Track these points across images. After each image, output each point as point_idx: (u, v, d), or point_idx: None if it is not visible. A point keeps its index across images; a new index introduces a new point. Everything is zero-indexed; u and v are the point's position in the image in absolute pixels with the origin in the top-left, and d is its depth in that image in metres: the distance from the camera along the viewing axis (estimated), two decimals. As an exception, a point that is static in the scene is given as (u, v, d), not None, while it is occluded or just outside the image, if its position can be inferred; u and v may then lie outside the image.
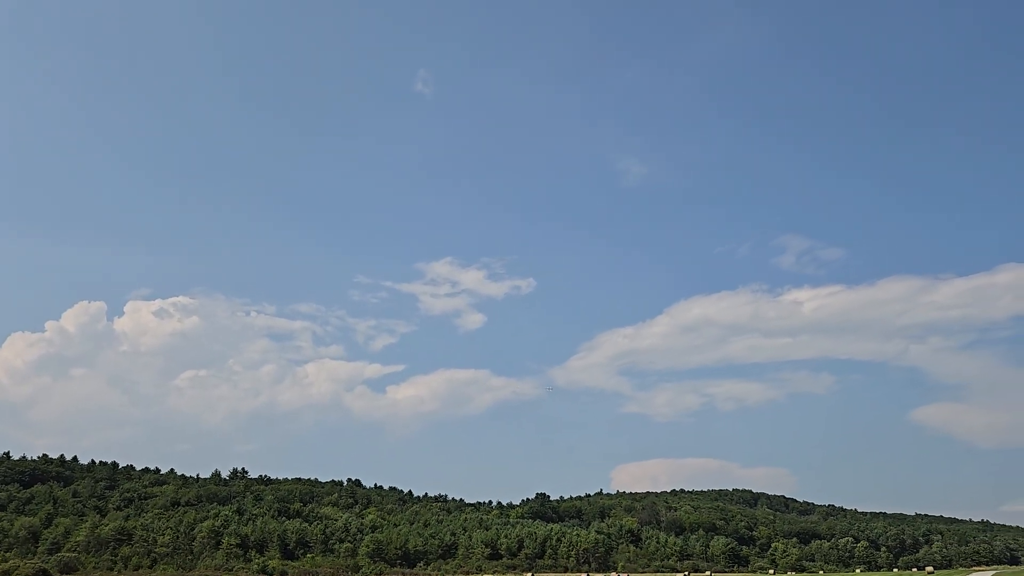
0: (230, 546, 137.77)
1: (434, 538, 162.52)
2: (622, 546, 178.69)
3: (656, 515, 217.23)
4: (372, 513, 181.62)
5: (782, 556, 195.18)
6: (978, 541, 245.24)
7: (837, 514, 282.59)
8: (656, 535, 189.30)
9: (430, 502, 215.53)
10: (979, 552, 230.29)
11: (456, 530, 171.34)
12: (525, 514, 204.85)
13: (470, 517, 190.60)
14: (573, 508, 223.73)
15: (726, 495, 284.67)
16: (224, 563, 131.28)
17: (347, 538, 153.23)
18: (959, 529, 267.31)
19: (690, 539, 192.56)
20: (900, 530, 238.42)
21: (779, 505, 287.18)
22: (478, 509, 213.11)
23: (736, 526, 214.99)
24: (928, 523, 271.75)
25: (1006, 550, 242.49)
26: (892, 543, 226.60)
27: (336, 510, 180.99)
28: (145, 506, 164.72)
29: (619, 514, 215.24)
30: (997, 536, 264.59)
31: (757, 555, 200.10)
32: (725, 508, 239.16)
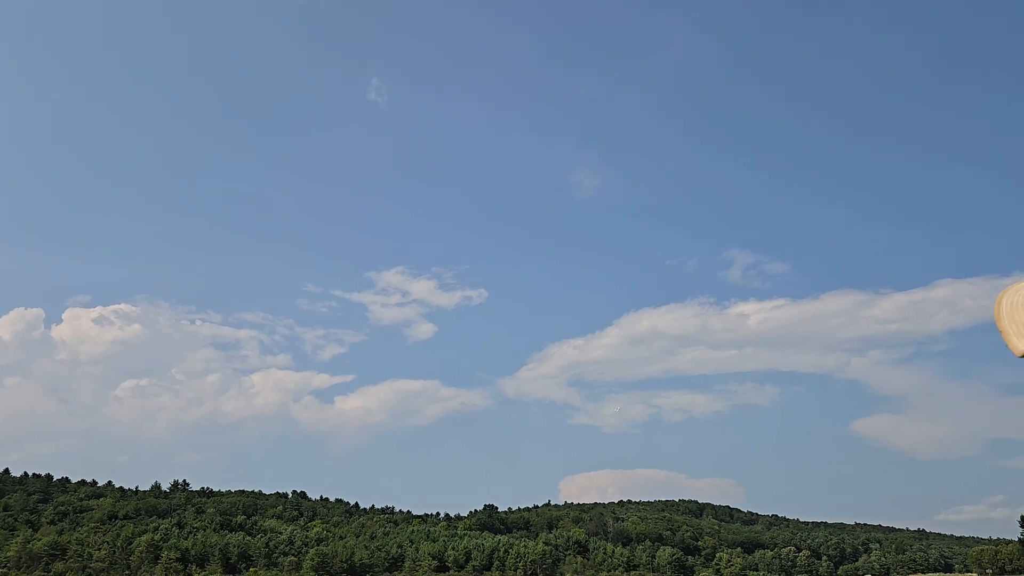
0: (169, 560, 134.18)
1: (380, 550, 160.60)
2: (569, 557, 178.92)
3: (604, 526, 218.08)
4: (318, 525, 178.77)
5: (727, 565, 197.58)
6: (914, 549, 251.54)
7: (780, 524, 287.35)
8: (603, 546, 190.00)
9: (377, 514, 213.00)
10: (915, 560, 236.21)
11: (403, 542, 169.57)
12: (473, 526, 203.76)
13: (417, 529, 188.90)
14: (521, 519, 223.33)
15: (673, 506, 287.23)
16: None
17: (291, 551, 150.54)
18: (896, 538, 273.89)
19: (637, 549, 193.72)
20: (841, 539, 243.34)
21: (724, 515, 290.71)
22: (425, 521, 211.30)
23: (682, 536, 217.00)
24: (867, 532, 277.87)
25: (940, 558, 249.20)
26: (833, 552, 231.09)
27: (281, 523, 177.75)
28: (80, 520, 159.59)
29: (567, 525, 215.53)
30: (932, 544, 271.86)
31: (702, 565, 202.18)
32: (672, 518, 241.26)
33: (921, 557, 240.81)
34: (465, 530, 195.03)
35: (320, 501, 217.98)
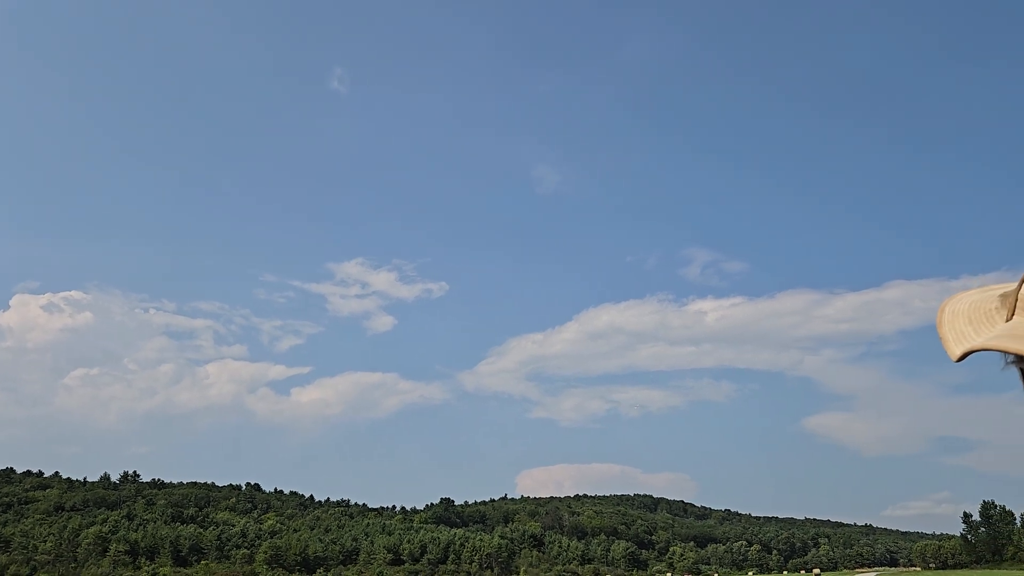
0: (118, 553, 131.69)
1: (335, 543, 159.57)
2: (525, 551, 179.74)
3: (559, 520, 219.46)
4: (271, 518, 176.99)
5: (679, 559, 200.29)
6: (861, 544, 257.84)
7: (733, 519, 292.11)
8: (559, 539, 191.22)
9: (332, 507, 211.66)
10: (862, 554, 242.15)
11: (358, 535, 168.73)
12: (429, 519, 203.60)
13: (373, 522, 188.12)
14: (477, 513, 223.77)
15: (628, 500, 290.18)
16: (111, 571, 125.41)
17: (244, 544, 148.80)
18: (844, 533, 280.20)
19: (592, 543, 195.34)
20: (791, 534, 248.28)
21: (678, 510, 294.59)
22: (381, 514, 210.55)
23: (636, 530, 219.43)
24: (816, 527, 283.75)
25: (887, 552, 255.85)
26: (783, 546, 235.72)
27: (233, 515, 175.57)
28: (25, 511, 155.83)
29: (523, 519, 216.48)
30: (879, 539, 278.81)
31: (656, 558, 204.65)
32: (626, 513, 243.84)
33: (868, 552, 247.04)
34: (421, 523, 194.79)
35: (274, 494, 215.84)
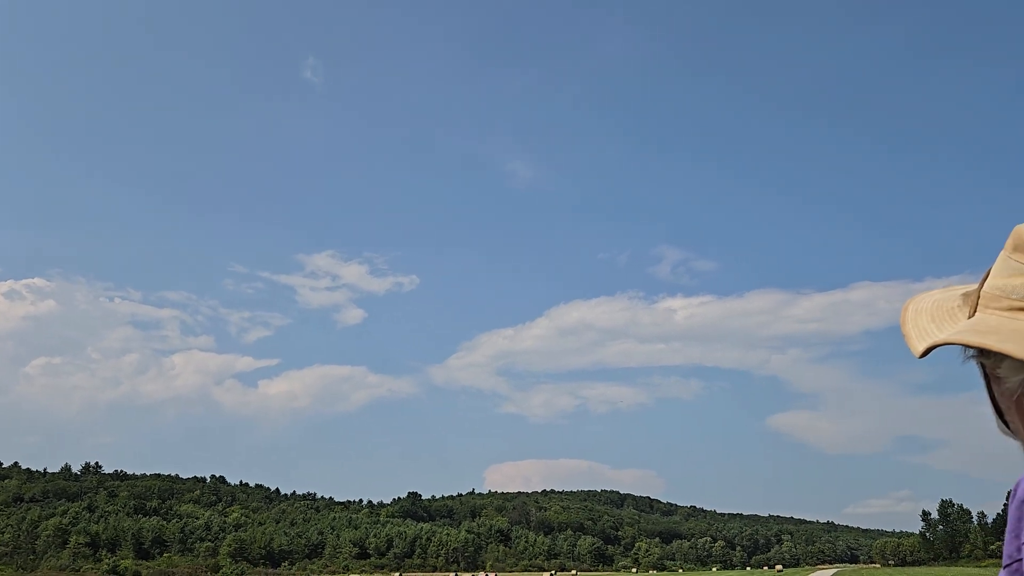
0: (78, 545, 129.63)
1: (300, 537, 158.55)
2: (491, 545, 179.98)
3: (526, 515, 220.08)
4: (236, 511, 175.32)
5: (645, 555, 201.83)
6: (823, 541, 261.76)
7: (698, 515, 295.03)
8: (525, 534, 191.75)
9: (298, 500, 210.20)
10: (823, 551, 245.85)
11: (324, 529, 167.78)
12: (396, 513, 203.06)
13: (339, 516, 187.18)
14: (445, 507, 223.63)
15: (595, 496, 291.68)
16: (71, 563, 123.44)
17: (208, 537, 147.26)
18: (807, 530, 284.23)
19: (558, 539, 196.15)
20: (754, 530, 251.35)
21: (644, 506, 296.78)
22: (348, 508, 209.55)
23: (603, 526, 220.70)
24: (779, 524, 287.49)
25: (847, 549, 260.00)
26: (747, 543, 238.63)
27: (197, 508, 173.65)
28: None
29: (490, 514, 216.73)
30: (840, 537, 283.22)
31: (621, 554, 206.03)
32: (593, 508, 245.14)
33: (829, 549, 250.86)
34: (388, 517, 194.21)
35: (239, 486, 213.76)
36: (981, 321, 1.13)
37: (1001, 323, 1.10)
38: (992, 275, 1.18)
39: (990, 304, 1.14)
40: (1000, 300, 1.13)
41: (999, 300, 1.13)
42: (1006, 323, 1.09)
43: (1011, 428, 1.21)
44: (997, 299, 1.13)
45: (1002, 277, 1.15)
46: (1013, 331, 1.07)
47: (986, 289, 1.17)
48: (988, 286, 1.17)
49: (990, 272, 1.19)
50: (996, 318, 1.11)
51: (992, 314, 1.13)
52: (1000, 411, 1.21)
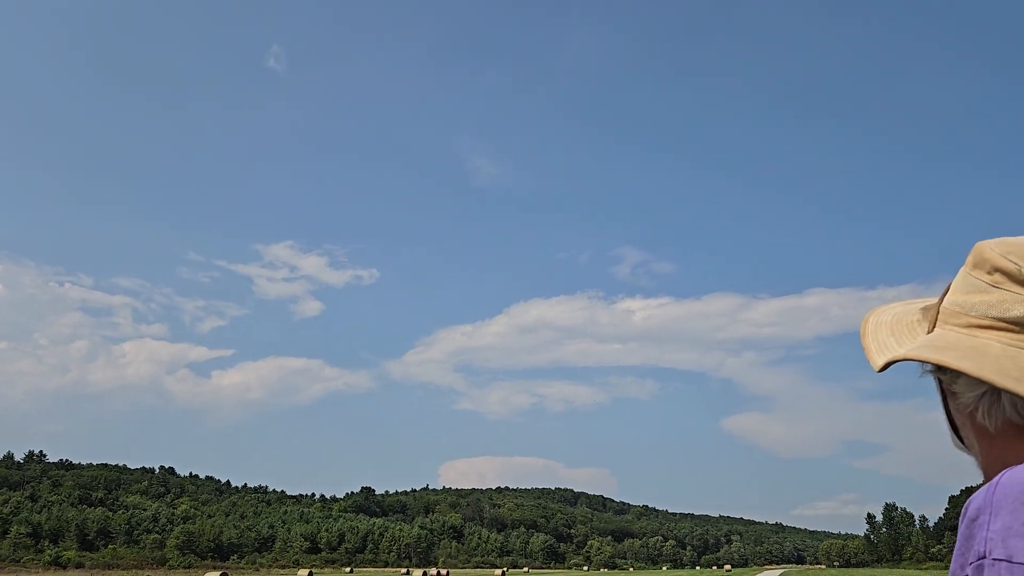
0: (19, 535, 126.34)
1: (251, 530, 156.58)
2: (444, 542, 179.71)
3: (480, 512, 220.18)
4: (185, 503, 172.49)
5: (596, 553, 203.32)
6: (771, 542, 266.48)
7: (650, 514, 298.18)
8: (478, 531, 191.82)
9: (248, 493, 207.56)
10: (771, 552, 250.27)
11: (275, 522, 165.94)
12: (348, 508, 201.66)
13: (291, 510, 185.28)
14: (398, 503, 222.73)
15: (549, 493, 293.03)
16: (11, 554, 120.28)
17: (155, 528, 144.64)
18: (755, 530, 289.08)
19: (511, 536, 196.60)
20: (705, 530, 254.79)
21: (597, 504, 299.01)
22: (300, 502, 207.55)
23: (556, 524, 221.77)
24: (729, 524, 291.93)
25: (794, 550, 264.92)
26: (697, 542, 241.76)
27: (145, 499, 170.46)
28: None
29: (444, 510, 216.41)
30: (787, 538, 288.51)
31: (574, 552, 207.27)
32: (547, 506, 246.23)
33: (777, 549, 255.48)
34: (340, 512, 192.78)
35: (189, 478, 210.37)
36: (940, 337, 1.16)
37: (959, 340, 1.13)
38: (952, 291, 1.20)
39: (949, 320, 1.17)
40: (959, 316, 1.15)
41: (958, 316, 1.15)
42: (964, 340, 1.12)
43: (965, 443, 1.22)
44: (956, 315, 1.16)
45: (962, 293, 1.17)
46: (970, 348, 1.10)
47: (945, 305, 1.19)
48: (948, 302, 1.19)
49: (950, 287, 1.21)
50: (954, 334, 1.14)
51: (951, 330, 1.15)
52: (955, 426, 1.24)
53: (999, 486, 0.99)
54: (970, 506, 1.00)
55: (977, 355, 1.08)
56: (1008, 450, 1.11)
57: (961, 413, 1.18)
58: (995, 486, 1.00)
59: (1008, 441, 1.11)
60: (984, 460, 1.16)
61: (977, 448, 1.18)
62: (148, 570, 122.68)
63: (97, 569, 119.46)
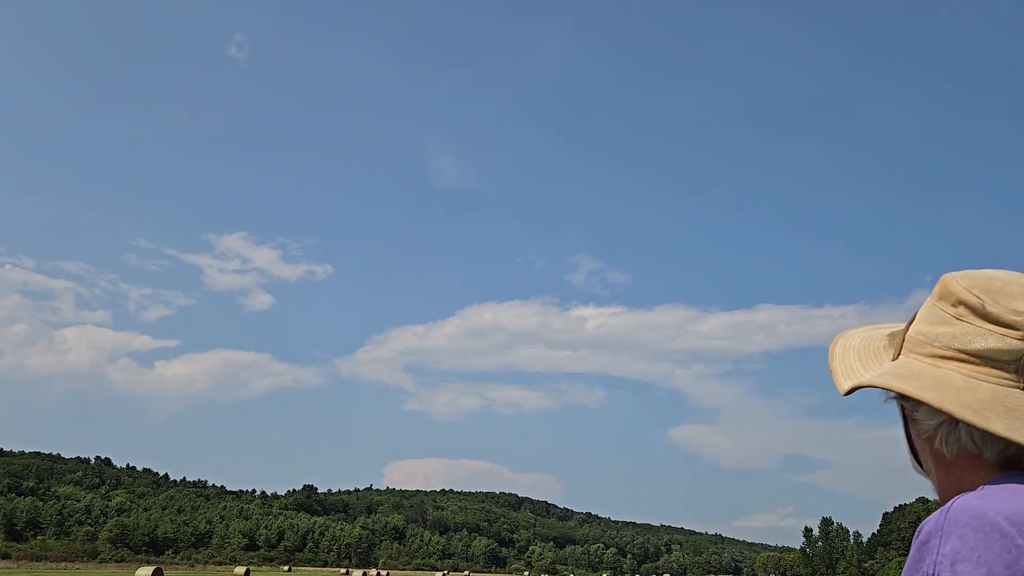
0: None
1: (187, 525, 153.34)
2: (385, 543, 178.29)
3: (423, 513, 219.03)
4: (120, 495, 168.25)
5: (538, 559, 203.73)
6: (710, 552, 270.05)
7: (593, 521, 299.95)
8: (421, 533, 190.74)
9: (187, 487, 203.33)
10: (710, 562, 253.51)
11: (213, 518, 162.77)
12: (289, 505, 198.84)
13: (230, 505, 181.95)
14: (340, 502, 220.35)
15: (493, 497, 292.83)
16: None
17: (88, 521, 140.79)
18: (696, 540, 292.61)
19: (453, 539, 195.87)
20: (646, 539, 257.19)
21: (541, 510, 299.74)
22: (239, 497, 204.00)
23: (499, 528, 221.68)
24: (670, 534, 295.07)
25: (732, 561, 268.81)
26: (637, 551, 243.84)
27: (79, 489, 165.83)
28: None
29: (387, 511, 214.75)
30: (726, 548, 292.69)
31: (515, 557, 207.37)
32: (490, 510, 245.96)
33: (715, 560, 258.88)
34: (281, 509, 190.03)
35: (126, 469, 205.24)
36: (904, 365, 1.20)
37: (923, 369, 1.17)
38: (918, 320, 1.24)
39: (914, 349, 1.20)
40: (924, 346, 1.19)
41: (923, 346, 1.19)
42: (927, 370, 1.16)
43: (924, 468, 1.27)
44: (921, 344, 1.20)
45: (927, 323, 1.21)
46: (933, 379, 1.14)
47: (911, 333, 1.23)
48: (913, 331, 1.23)
49: (916, 316, 1.25)
50: (918, 364, 1.18)
51: (915, 359, 1.19)
52: (915, 451, 1.28)
53: (950, 512, 1.04)
54: (923, 530, 1.04)
55: (939, 385, 1.13)
56: (963, 477, 1.17)
57: (921, 439, 1.23)
58: (947, 511, 1.05)
59: (963, 468, 1.17)
60: (941, 485, 1.22)
61: (935, 473, 1.23)
62: (78, 563, 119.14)
63: (24, 560, 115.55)
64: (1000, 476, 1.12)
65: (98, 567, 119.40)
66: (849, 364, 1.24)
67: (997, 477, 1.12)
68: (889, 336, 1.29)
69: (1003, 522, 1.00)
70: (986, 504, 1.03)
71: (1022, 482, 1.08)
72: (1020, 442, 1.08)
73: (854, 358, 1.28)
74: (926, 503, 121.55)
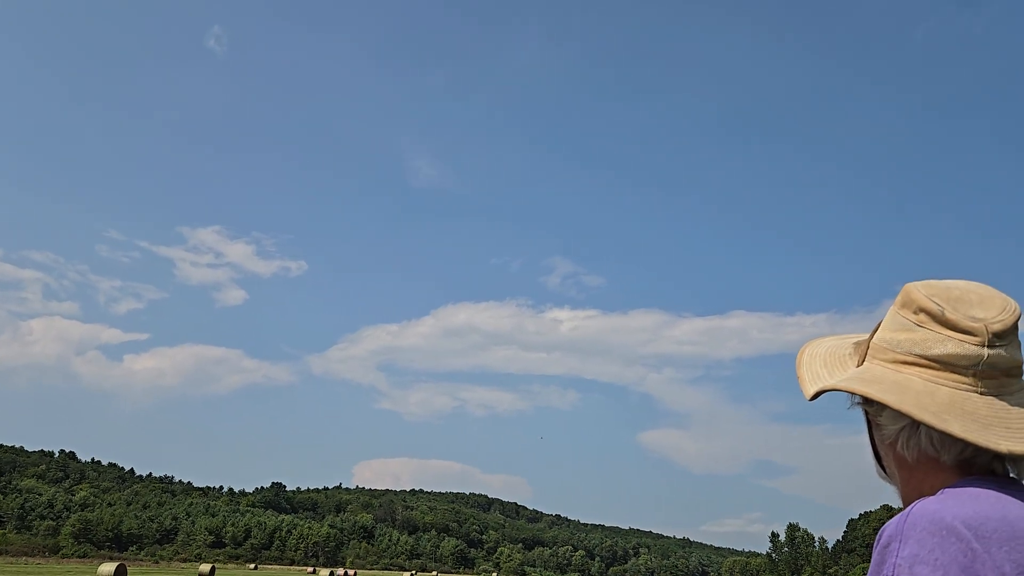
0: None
1: (152, 521, 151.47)
2: (353, 542, 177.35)
3: (392, 513, 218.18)
4: (84, 490, 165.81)
5: (506, 560, 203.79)
6: (677, 556, 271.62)
7: (562, 523, 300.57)
8: (389, 533, 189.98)
9: (153, 482, 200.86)
10: (677, 566, 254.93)
11: (179, 514, 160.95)
12: (257, 503, 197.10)
13: (196, 502, 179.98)
14: (309, 500, 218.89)
15: (463, 498, 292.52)
16: None
17: (50, 515, 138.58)
18: (663, 544, 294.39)
19: (422, 539, 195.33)
20: (614, 542, 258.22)
21: (511, 512, 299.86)
22: (206, 494, 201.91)
23: (468, 529, 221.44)
24: (638, 537, 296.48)
25: (699, 565, 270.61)
26: (606, 554, 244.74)
27: (41, 483, 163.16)
28: None
29: (356, 510, 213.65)
30: (693, 552, 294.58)
31: (484, 558, 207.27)
32: (460, 511, 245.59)
33: (682, 564, 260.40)
34: (248, 507, 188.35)
35: (90, 463, 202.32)
36: (867, 370, 1.25)
37: (885, 374, 1.22)
38: (882, 328, 1.29)
39: (877, 355, 1.25)
40: (886, 352, 1.24)
41: (885, 352, 1.24)
42: (889, 375, 1.21)
43: (887, 472, 1.31)
44: (884, 351, 1.24)
45: (890, 331, 1.25)
46: (895, 383, 1.19)
47: (875, 341, 1.27)
48: (877, 338, 1.28)
49: (880, 324, 1.30)
50: (881, 369, 1.23)
51: (878, 365, 1.24)
52: (879, 457, 1.33)
53: (910, 516, 1.09)
54: (884, 533, 1.08)
55: (899, 389, 1.18)
56: (924, 481, 1.21)
57: (884, 444, 1.28)
58: (906, 516, 1.09)
59: (924, 472, 1.22)
60: (903, 489, 1.27)
61: (898, 478, 1.28)
62: (39, 558, 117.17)
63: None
64: (960, 480, 1.16)
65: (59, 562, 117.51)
66: (815, 371, 1.28)
67: (957, 481, 1.16)
68: (854, 344, 1.34)
69: (959, 526, 1.04)
70: (944, 508, 1.06)
71: (980, 486, 1.12)
72: (976, 443, 1.12)
73: (820, 365, 1.33)
74: (890, 510, 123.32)
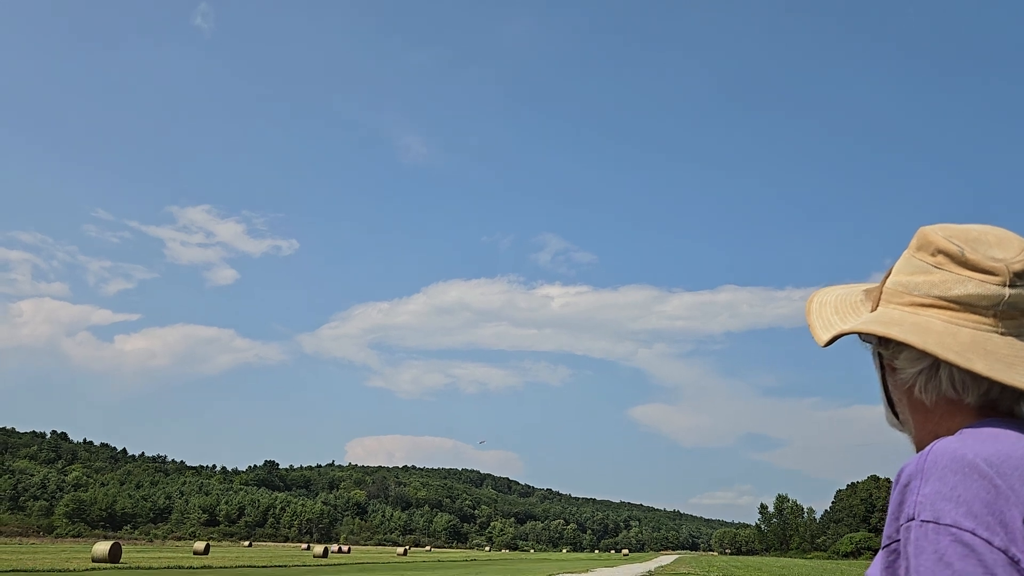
0: None
1: (146, 500, 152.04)
2: (347, 518, 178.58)
3: (385, 489, 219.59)
4: (77, 470, 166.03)
5: (499, 534, 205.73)
6: (668, 528, 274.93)
7: (553, 498, 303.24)
8: (383, 509, 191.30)
9: (146, 462, 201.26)
10: (667, 538, 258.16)
11: (172, 493, 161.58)
12: (250, 481, 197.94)
13: (190, 481, 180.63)
14: (302, 478, 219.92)
15: (455, 474, 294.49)
16: None
17: (43, 495, 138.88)
18: (654, 517, 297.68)
19: (415, 514, 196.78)
20: (605, 515, 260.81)
21: (503, 487, 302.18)
22: (199, 473, 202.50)
23: (461, 504, 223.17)
24: (629, 510, 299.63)
25: (689, 537, 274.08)
26: (597, 527, 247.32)
27: (34, 464, 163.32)
28: None
29: (349, 486, 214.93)
30: (684, 525, 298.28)
31: (476, 532, 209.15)
32: (453, 486, 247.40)
33: (673, 536, 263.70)
34: (241, 485, 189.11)
35: (83, 444, 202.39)
36: (884, 314, 1.23)
37: (903, 316, 1.20)
38: (895, 272, 1.27)
39: (892, 299, 1.24)
40: (902, 296, 1.22)
41: (901, 296, 1.23)
42: (908, 317, 1.19)
43: (900, 419, 1.29)
44: (899, 295, 1.23)
45: (905, 274, 1.24)
46: (914, 324, 1.17)
47: (888, 285, 1.26)
48: (891, 283, 1.26)
49: (892, 269, 1.28)
50: (899, 312, 1.21)
51: (894, 308, 1.23)
52: (892, 403, 1.30)
53: (931, 454, 1.07)
54: (903, 472, 1.06)
55: (920, 330, 1.16)
56: (941, 424, 1.19)
57: (899, 389, 1.25)
58: (927, 454, 1.07)
59: (942, 415, 1.20)
60: (918, 434, 1.25)
61: (912, 423, 1.26)
62: (33, 538, 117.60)
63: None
64: (978, 421, 1.15)
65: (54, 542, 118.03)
66: (827, 318, 1.28)
67: (976, 422, 1.15)
68: (865, 291, 1.33)
69: (981, 463, 1.03)
70: (964, 447, 1.05)
71: (1000, 426, 1.11)
72: (1001, 381, 1.11)
73: (831, 312, 1.31)
74: (877, 481, 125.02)
